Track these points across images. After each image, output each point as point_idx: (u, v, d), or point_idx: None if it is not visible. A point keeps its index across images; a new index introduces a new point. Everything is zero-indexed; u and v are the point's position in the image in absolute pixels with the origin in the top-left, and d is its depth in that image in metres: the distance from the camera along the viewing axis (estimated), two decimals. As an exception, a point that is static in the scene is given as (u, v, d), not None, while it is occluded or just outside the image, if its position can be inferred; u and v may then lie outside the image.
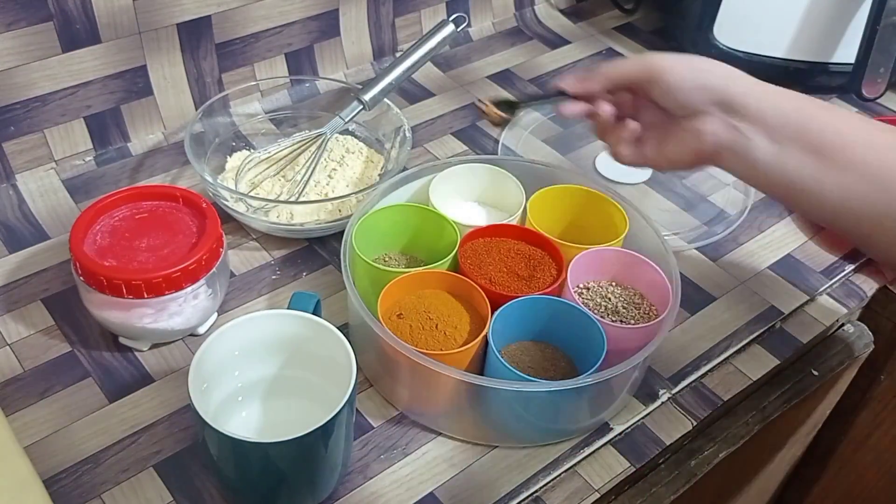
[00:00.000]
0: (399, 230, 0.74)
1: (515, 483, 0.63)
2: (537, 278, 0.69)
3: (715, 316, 0.76)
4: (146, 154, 0.87)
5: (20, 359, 0.68)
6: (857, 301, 0.80)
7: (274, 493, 0.58)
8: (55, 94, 0.80)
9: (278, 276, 0.77)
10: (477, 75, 1.03)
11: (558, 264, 0.70)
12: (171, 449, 0.63)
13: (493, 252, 0.70)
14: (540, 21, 1.13)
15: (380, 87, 0.85)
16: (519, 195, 0.75)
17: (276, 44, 0.92)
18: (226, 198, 0.78)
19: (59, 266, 0.75)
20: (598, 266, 0.71)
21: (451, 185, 0.77)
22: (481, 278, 0.68)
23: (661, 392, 0.69)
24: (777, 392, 0.77)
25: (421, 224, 0.73)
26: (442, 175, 0.76)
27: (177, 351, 0.70)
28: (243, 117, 0.89)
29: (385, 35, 1.01)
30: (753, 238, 0.84)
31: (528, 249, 0.71)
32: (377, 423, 0.66)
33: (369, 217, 0.71)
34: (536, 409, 0.63)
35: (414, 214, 0.73)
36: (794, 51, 1.00)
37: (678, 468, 0.71)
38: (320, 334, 0.59)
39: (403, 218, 0.73)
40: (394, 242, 0.74)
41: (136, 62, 0.83)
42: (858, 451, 1.04)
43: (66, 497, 0.60)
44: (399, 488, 0.62)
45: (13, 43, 0.76)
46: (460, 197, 0.78)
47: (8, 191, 0.81)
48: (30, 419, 0.64)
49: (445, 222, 0.72)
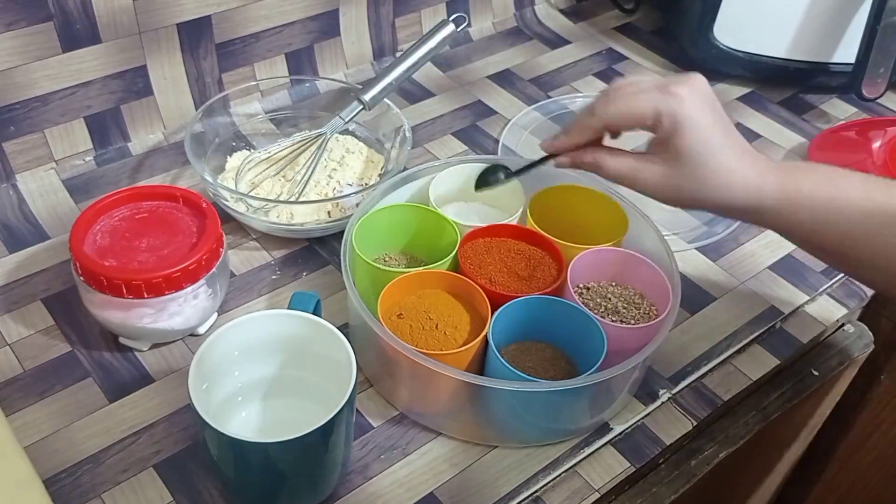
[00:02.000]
0: (399, 230, 0.74)
1: (515, 483, 0.63)
2: (537, 278, 0.69)
3: (715, 316, 0.76)
4: (146, 154, 0.87)
5: (20, 359, 0.68)
6: (857, 301, 0.80)
7: (274, 494, 0.58)
8: (55, 94, 0.80)
9: (278, 276, 0.77)
10: (477, 75, 1.03)
11: (558, 264, 0.70)
12: (171, 449, 0.63)
13: (494, 252, 0.70)
14: (540, 21, 1.13)
15: (380, 87, 0.85)
16: (519, 195, 0.75)
17: (276, 44, 0.92)
18: (226, 198, 0.78)
19: (59, 266, 0.75)
20: (599, 266, 0.71)
21: (451, 185, 0.77)
22: (481, 278, 0.68)
23: (661, 392, 0.69)
24: (777, 392, 0.77)
25: (421, 224, 0.73)
26: (442, 175, 0.76)
27: (177, 351, 0.70)
28: (243, 117, 0.89)
29: (385, 35, 1.01)
30: (753, 238, 0.84)
31: (529, 249, 0.71)
32: (377, 423, 0.66)
33: (369, 217, 0.71)
34: (536, 409, 0.63)
35: (414, 214, 0.73)
36: (794, 51, 1.00)
37: (678, 468, 0.71)
38: (320, 334, 0.59)
39: (403, 218, 0.73)
40: (394, 242, 0.74)
41: (137, 62, 0.83)
42: (858, 452, 1.04)
43: (66, 497, 0.60)
44: (399, 488, 0.62)
45: (13, 43, 0.76)
46: (460, 197, 0.78)
47: (8, 191, 0.81)
48: (30, 419, 0.64)
49: (445, 222, 0.72)
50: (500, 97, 0.99)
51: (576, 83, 1.03)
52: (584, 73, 1.05)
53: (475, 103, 0.98)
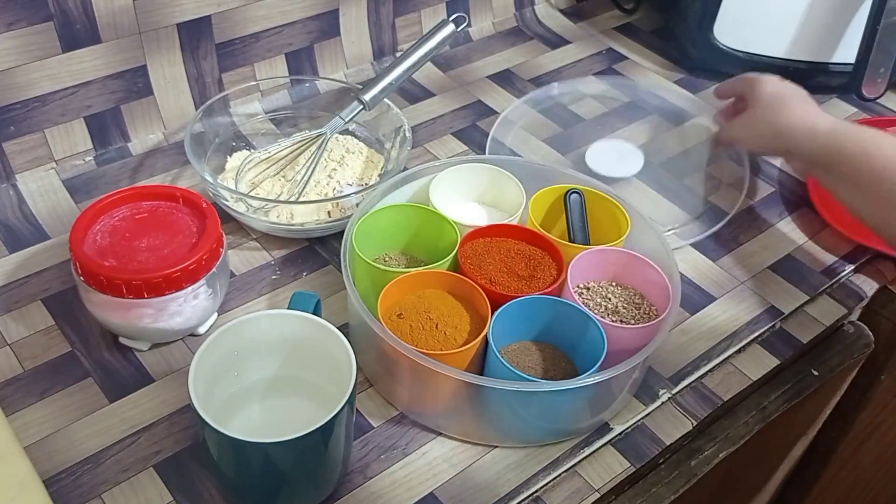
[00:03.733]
0: (399, 230, 0.74)
1: (515, 483, 0.63)
2: (537, 278, 0.68)
3: (715, 316, 0.76)
4: (146, 154, 0.87)
5: (20, 359, 0.68)
6: (857, 301, 0.80)
7: (274, 494, 0.58)
8: (55, 93, 0.80)
9: (278, 276, 0.77)
10: (477, 75, 1.03)
11: (558, 264, 0.70)
12: (171, 449, 0.63)
13: (494, 252, 0.70)
14: (540, 21, 1.13)
15: (380, 87, 0.85)
16: (519, 195, 0.75)
17: (276, 44, 0.92)
18: (226, 198, 0.78)
19: (59, 266, 0.75)
20: (599, 266, 0.71)
21: (451, 185, 0.77)
22: (481, 278, 0.68)
23: (661, 392, 0.69)
24: (777, 392, 0.77)
25: (421, 224, 0.73)
26: (442, 175, 0.76)
27: (177, 351, 0.70)
28: (243, 117, 0.89)
29: (385, 35, 1.01)
30: (753, 238, 0.84)
31: (529, 249, 0.71)
32: (377, 423, 0.66)
33: (369, 217, 0.71)
34: (536, 409, 0.63)
35: (414, 214, 0.73)
36: (794, 51, 1.00)
37: (678, 468, 0.71)
38: (320, 334, 0.59)
39: (404, 218, 0.73)
40: (394, 242, 0.74)
41: (136, 62, 0.83)
42: (858, 452, 1.04)
43: (66, 497, 0.60)
44: (399, 488, 0.62)
45: (13, 43, 0.76)
46: (461, 197, 0.78)
47: (8, 191, 0.81)
48: (30, 419, 0.64)
49: (445, 222, 0.72)
50: (500, 97, 0.99)
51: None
52: (584, 72, 1.05)
53: (475, 103, 0.98)
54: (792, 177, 0.91)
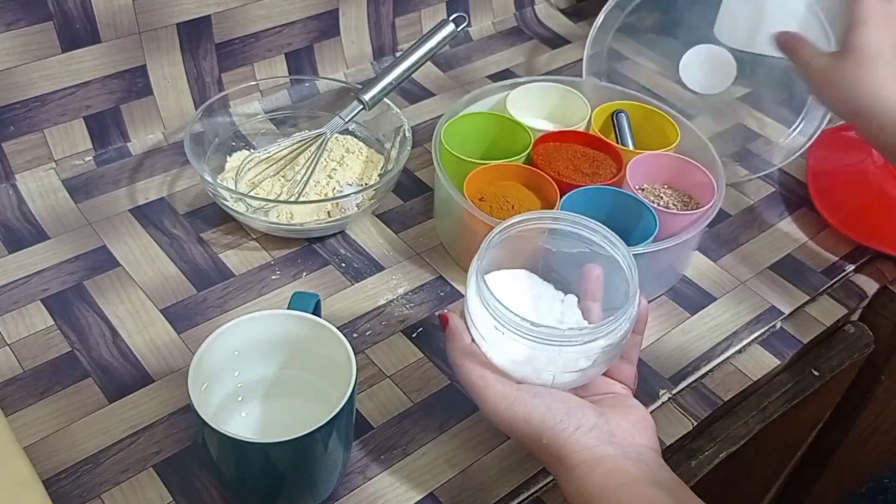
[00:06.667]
0: (479, 136, 0.82)
1: (515, 483, 0.63)
2: (600, 175, 0.77)
3: (715, 316, 0.76)
4: (146, 154, 0.87)
5: (20, 359, 0.68)
6: (857, 301, 0.80)
7: (274, 494, 0.58)
8: (55, 93, 0.80)
9: (278, 276, 0.77)
10: (477, 75, 1.03)
11: (618, 165, 0.78)
12: (171, 449, 0.63)
13: (562, 152, 0.79)
14: (540, 21, 1.13)
15: (380, 87, 0.85)
16: (584, 110, 0.83)
17: (276, 44, 0.92)
18: (225, 198, 0.78)
19: (58, 266, 0.75)
20: (653, 169, 0.79)
21: (524, 101, 0.85)
22: (551, 171, 0.76)
23: (661, 392, 0.69)
24: (777, 392, 0.77)
25: (498, 131, 0.82)
26: (517, 91, 0.85)
27: (177, 351, 0.70)
28: (243, 117, 0.89)
29: (385, 35, 1.01)
30: (753, 238, 0.84)
31: (592, 153, 0.80)
32: (377, 424, 0.66)
33: (454, 121, 0.80)
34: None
35: (493, 122, 0.82)
36: (795, 51, 0.99)
37: (678, 468, 0.71)
38: (320, 334, 0.59)
39: (483, 125, 0.82)
40: (474, 148, 0.82)
41: (136, 62, 0.83)
42: (859, 452, 1.04)
43: (66, 497, 0.60)
44: (399, 488, 0.62)
45: (13, 43, 0.76)
46: (532, 115, 0.86)
47: (8, 191, 0.81)
48: (30, 419, 0.64)
49: (520, 128, 0.80)
50: (500, 97, 0.99)
51: (576, 83, 1.03)
52: (584, 72, 1.05)
53: (475, 103, 0.98)
54: (792, 177, 0.91)
